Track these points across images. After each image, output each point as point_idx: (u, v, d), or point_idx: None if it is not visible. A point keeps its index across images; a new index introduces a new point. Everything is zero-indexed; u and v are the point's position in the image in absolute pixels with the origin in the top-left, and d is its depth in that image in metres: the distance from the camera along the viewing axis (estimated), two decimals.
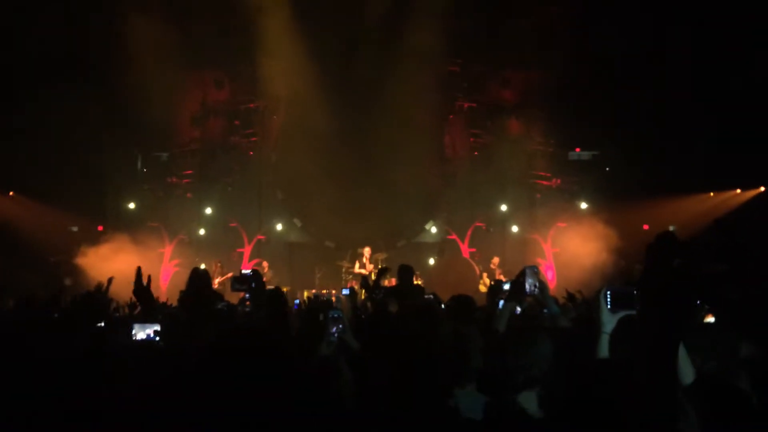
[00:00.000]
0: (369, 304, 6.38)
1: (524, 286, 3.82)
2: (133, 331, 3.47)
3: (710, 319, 4.86)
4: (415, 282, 9.10)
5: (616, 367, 2.63)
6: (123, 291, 7.78)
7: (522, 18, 16.47)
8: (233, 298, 7.63)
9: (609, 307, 2.74)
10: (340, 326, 3.77)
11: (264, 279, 13.70)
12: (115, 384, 2.54)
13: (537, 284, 3.81)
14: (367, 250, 15.55)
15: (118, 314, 7.37)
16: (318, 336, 3.91)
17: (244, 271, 5.51)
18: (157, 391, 2.30)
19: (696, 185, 16.33)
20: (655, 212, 15.38)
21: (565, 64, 15.67)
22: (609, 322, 2.70)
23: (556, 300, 4.60)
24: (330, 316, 3.96)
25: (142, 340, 3.42)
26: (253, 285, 4.66)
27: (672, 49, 14.22)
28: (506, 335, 3.56)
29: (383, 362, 2.59)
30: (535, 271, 3.85)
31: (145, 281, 3.72)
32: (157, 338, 3.39)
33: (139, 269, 3.75)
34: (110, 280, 7.42)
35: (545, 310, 4.12)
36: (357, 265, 15.62)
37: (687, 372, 2.38)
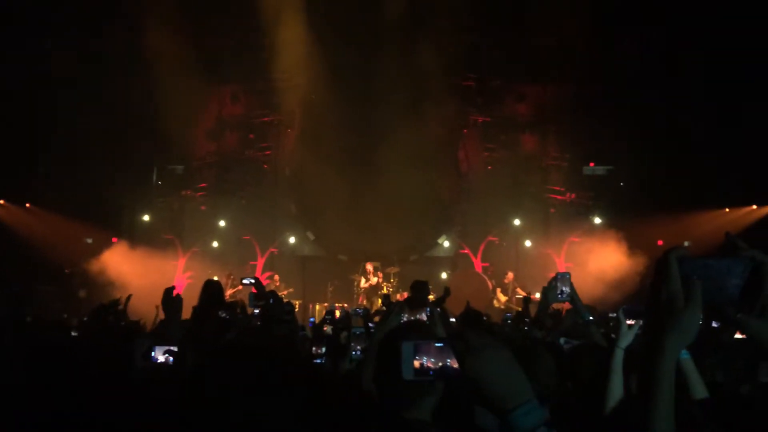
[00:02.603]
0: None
1: (556, 291, 3.82)
2: (153, 353, 3.40)
3: (739, 336, 4.83)
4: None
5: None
6: (136, 303, 7.83)
7: (537, 33, 16.51)
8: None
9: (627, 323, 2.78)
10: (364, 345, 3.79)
11: (282, 293, 13.67)
12: (135, 406, 2.53)
13: (569, 290, 3.81)
14: (370, 267, 15.65)
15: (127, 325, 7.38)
16: (340, 353, 3.95)
17: (244, 281, 5.53)
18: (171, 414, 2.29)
19: (710, 201, 16.21)
20: (670, 228, 15.27)
21: (579, 79, 15.70)
22: (625, 337, 2.72)
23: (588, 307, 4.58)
24: (354, 333, 4.00)
25: (161, 363, 3.33)
26: (272, 301, 4.68)
27: (687, 64, 14.18)
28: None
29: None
30: (567, 277, 3.85)
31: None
32: (171, 359, 3.32)
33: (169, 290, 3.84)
34: (129, 297, 7.45)
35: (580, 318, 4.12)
36: (363, 280, 15.67)
37: (698, 387, 2.37)
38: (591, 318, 4.07)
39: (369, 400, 2.25)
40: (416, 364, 1.53)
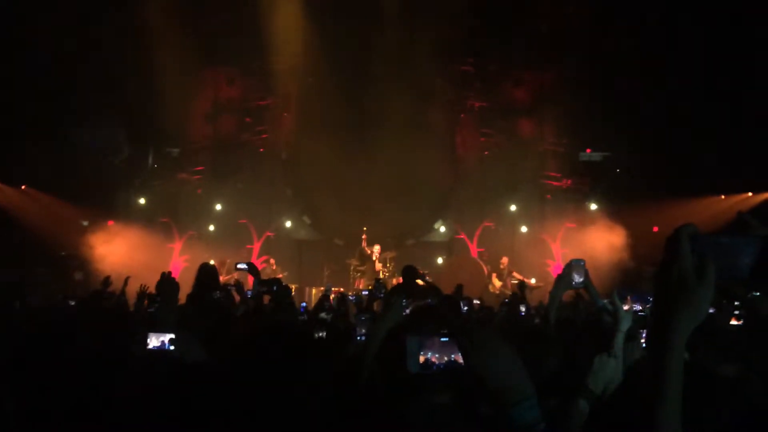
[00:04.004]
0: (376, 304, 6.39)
1: (570, 279, 3.80)
2: (147, 339, 3.37)
3: (735, 322, 4.86)
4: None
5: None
6: (134, 286, 7.85)
7: (535, 18, 16.45)
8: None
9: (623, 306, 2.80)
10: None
11: (280, 276, 13.70)
12: (128, 391, 2.52)
13: (582, 279, 3.79)
14: (376, 248, 15.56)
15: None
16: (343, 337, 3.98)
17: (239, 265, 5.56)
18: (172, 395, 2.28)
19: (706, 188, 16.22)
20: (665, 214, 15.28)
21: (577, 65, 15.65)
22: (624, 320, 2.73)
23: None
24: (359, 319, 4.02)
25: (155, 349, 3.31)
26: (275, 288, 4.71)
27: (685, 50, 14.14)
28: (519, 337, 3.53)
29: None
30: (581, 264, 3.82)
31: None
32: (172, 347, 3.30)
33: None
34: (127, 280, 7.49)
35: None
36: (367, 251, 15.54)
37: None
38: (602, 303, 4.07)
39: (374, 386, 2.25)
40: (421, 358, 1.56)
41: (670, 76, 14.42)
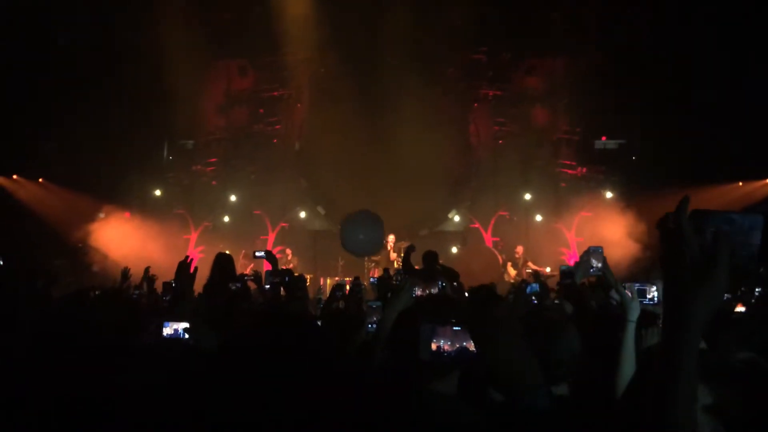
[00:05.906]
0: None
1: (588, 265, 3.78)
2: (163, 328, 3.41)
3: (740, 308, 4.81)
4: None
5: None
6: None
7: (548, 5, 16.32)
8: None
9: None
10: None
11: (291, 266, 13.69)
12: (142, 380, 2.54)
13: (600, 265, 3.77)
14: (391, 238, 15.52)
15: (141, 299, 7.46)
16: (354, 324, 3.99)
17: (257, 253, 5.59)
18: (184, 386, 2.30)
19: (724, 175, 16.05)
20: None
21: (591, 52, 15.52)
22: (633, 309, 2.73)
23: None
24: (370, 306, 4.02)
25: (169, 336, 3.35)
26: (287, 279, 4.72)
27: (700, 35, 13.97)
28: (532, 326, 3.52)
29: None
30: (599, 251, 3.80)
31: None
32: (186, 335, 3.34)
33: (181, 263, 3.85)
34: (147, 270, 7.53)
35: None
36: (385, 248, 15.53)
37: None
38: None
39: (384, 373, 2.26)
40: (433, 345, 1.56)
41: (685, 62, 14.26)
